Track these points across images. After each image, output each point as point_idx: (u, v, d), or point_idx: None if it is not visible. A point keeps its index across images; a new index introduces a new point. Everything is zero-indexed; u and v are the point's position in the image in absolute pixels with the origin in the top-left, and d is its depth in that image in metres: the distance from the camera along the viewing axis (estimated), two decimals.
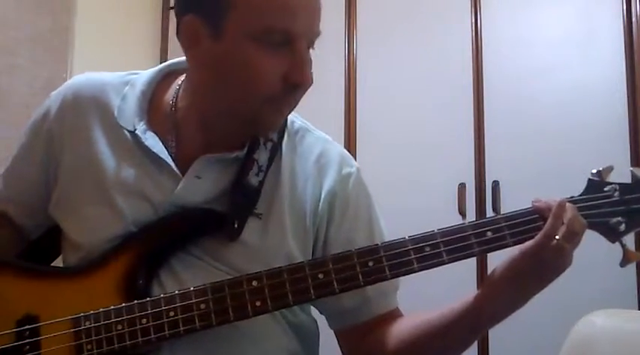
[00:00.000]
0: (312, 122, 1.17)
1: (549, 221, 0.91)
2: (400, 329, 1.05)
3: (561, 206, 0.92)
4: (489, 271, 2.61)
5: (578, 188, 1.01)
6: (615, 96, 2.39)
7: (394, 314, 1.09)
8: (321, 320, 1.14)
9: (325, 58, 2.84)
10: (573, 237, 0.91)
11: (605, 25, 2.45)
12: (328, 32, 3.24)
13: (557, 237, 0.90)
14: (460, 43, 2.66)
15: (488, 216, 2.50)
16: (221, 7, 0.93)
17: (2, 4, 2.49)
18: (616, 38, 2.42)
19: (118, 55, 2.79)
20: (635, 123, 2.34)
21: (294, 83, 0.96)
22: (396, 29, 2.82)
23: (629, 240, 0.98)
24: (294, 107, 1.03)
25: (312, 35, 0.97)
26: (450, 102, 2.65)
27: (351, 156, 1.15)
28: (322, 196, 1.07)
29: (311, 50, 0.99)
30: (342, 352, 1.13)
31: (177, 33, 1.00)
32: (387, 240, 1.08)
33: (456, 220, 2.56)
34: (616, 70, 2.40)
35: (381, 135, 2.75)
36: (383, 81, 2.79)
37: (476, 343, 2.45)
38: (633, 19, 2.39)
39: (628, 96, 2.37)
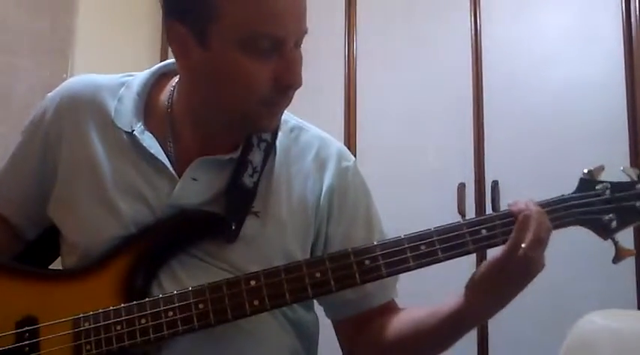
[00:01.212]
0: (312, 122, 1.17)
1: (513, 234, 0.93)
2: (396, 322, 1.07)
3: (525, 217, 0.93)
4: None
5: None
6: (615, 95, 2.38)
7: (391, 306, 1.11)
8: (322, 318, 1.15)
9: (325, 58, 2.86)
10: (539, 246, 0.92)
11: (604, 23, 2.45)
12: (328, 32, 3.23)
13: (523, 245, 0.92)
14: (460, 42, 2.66)
15: None
16: (205, 17, 0.93)
17: (2, 4, 2.49)
18: (615, 37, 2.41)
19: (119, 55, 2.79)
20: (634, 121, 2.34)
21: (285, 85, 0.96)
22: (396, 29, 2.82)
23: (628, 239, 0.99)
24: (288, 105, 1.04)
25: (299, 36, 0.96)
26: (449, 101, 2.65)
27: (348, 151, 1.16)
28: (323, 192, 1.08)
29: (302, 48, 0.99)
30: (339, 341, 1.14)
31: (168, 40, 1.00)
32: (384, 231, 1.12)
33: (456, 220, 2.56)
34: (615, 69, 2.39)
35: (381, 134, 2.75)
36: (383, 81, 2.80)
37: (475, 342, 2.46)
38: (632, 19, 2.39)
39: (627, 95, 2.37)
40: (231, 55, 0.93)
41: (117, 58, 2.77)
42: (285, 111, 1.07)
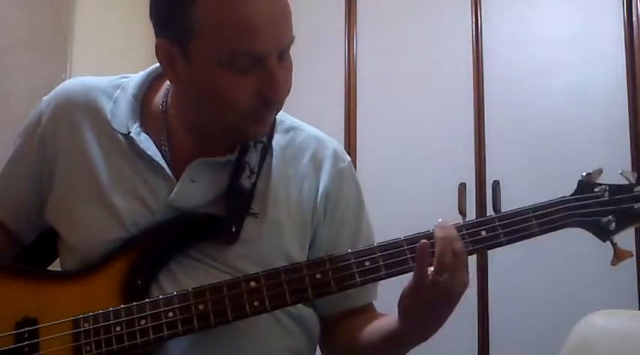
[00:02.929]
0: (312, 122, 1.17)
1: (415, 265, 0.92)
2: (365, 326, 1.07)
3: (423, 248, 0.91)
4: (490, 270, 2.61)
5: None
6: (615, 97, 2.39)
7: (367, 309, 1.12)
8: None
9: (325, 58, 2.86)
10: (445, 271, 0.90)
11: (605, 25, 2.45)
12: (328, 32, 3.23)
13: (429, 271, 0.91)
14: (460, 43, 2.66)
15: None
16: (185, 34, 0.93)
17: (2, 4, 2.49)
18: (616, 38, 2.42)
19: (118, 55, 2.79)
20: (635, 123, 2.34)
21: (268, 99, 0.96)
22: (396, 29, 2.82)
23: (629, 241, 0.99)
24: (276, 114, 1.04)
25: (281, 48, 0.95)
26: (450, 101, 2.65)
27: (343, 150, 1.17)
28: (319, 194, 1.09)
29: (294, 53, 0.99)
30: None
31: (156, 55, 1.00)
32: (372, 231, 1.13)
33: (456, 220, 2.56)
34: (616, 70, 2.40)
35: (382, 135, 2.76)
36: (383, 81, 2.80)
37: (476, 343, 2.45)
38: (634, 20, 2.39)
39: (628, 97, 2.37)
40: (212, 71, 0.93)
41: (115, 58, 2.76)
42: (281, 111, 1.07)
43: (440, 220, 0.95)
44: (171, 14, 0.95)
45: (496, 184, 2.50)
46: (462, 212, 2.52)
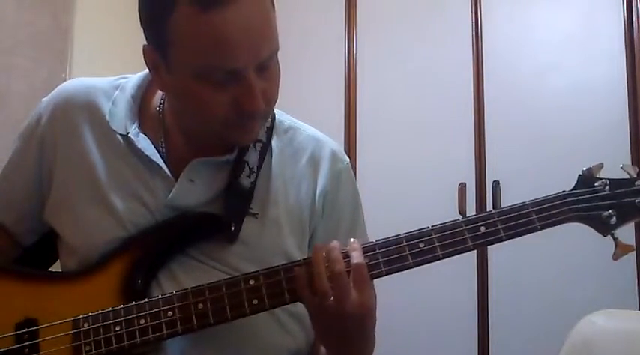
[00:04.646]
0: (312, 122, 1.17)
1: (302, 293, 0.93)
2: None
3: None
4: (490, 270, 2.59)
5: None
6: (616, 97, 2.39)
7: None
8: None
9: (325, 58, 2.86)
10: (325, 293, 0.90)
11: (605, 25, 2.45)
12: (328, 32, 3.23)
13: (315, 297, 0.91)
14: (460, 42, 2.66)
15: None
16: (164, 43, 0.93)
17: (2, 4, 2.48)
18: (617, 38, 2.42)
19: (117, 55, 2.78)
20: (635, 123, 2.34)
21: (246, 111, 0.94)
22: (397, 29, 2.82)
23: (629, 236, 0.98)
24: (263, 123, 1.04)
25: (258, 61, 0.92)
26: (450, 101, 2.66)
27: (342, 150, 1.17)
28: (317, 194, 1.09)
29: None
30: None
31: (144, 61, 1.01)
32: (366, 233, 1.13)
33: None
34: (617, 70, 2.40)
35: (382, 134, 2.75)
36: (383, 81, 2.80)
37: (476, 344, 2.45)
38: (634, 19, 2.39)
39: (628, 97, 2.37)
40: (189, 83, 0.93)
41: (115, 58, 2.76)
42: (281, 111, 1.07)
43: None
44: (153, 22, 0.95)
45: (496, 184, 2.50)
46: (462, 212, 2.51)
